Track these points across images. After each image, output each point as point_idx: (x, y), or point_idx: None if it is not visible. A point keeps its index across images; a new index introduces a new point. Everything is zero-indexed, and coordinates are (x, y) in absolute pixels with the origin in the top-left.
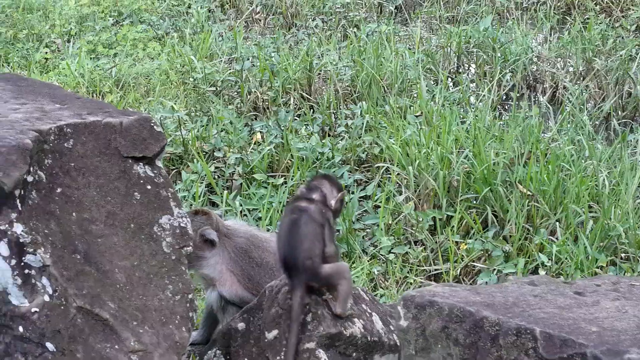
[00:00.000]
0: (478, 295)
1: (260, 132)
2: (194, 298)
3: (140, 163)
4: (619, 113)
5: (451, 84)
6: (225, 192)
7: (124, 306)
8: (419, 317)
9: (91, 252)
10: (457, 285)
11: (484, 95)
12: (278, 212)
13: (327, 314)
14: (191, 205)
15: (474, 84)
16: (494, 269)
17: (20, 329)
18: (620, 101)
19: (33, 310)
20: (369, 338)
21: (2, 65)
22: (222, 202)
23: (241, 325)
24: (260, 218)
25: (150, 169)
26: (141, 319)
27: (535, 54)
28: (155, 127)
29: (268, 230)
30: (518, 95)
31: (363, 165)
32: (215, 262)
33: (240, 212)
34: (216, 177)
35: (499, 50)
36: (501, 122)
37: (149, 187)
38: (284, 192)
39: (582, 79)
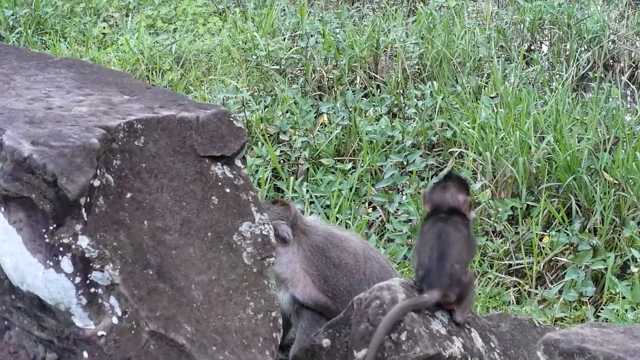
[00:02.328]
0: (637, 340)
1: (327, 113)
2: (277, 316)
3: (219, 163)
4: None
5: (524, 63)
6: (292, 177)
7: (201, 329)
8: None
9: (165, 267)
10: (608, 326)
11: (561, 75)
12: (347, 199)
13: (424, 333)
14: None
15: (549, 62)
16: (581, 265)
17: (85, 354)
18: None
19: (100, 333)
20: (469, 359)
21: (59, 40)
22: (288, 189)
23: (326, 342)
24: (328, 206)
25: (229, 169)
26: (220, 342)
27: (612, 31)
28: (235, 122)
29: (338, 221)
30: (595, 75)
31: (435, 150)
32: (288, 260)
33: (308, 199)
34: (281, 161)
35: (574, 27)
36: (580, 105)
37: (227, 190)
38: (353, 179)
39: None
